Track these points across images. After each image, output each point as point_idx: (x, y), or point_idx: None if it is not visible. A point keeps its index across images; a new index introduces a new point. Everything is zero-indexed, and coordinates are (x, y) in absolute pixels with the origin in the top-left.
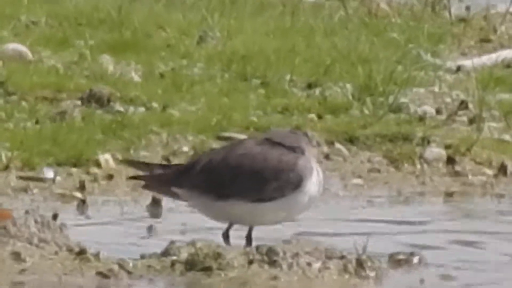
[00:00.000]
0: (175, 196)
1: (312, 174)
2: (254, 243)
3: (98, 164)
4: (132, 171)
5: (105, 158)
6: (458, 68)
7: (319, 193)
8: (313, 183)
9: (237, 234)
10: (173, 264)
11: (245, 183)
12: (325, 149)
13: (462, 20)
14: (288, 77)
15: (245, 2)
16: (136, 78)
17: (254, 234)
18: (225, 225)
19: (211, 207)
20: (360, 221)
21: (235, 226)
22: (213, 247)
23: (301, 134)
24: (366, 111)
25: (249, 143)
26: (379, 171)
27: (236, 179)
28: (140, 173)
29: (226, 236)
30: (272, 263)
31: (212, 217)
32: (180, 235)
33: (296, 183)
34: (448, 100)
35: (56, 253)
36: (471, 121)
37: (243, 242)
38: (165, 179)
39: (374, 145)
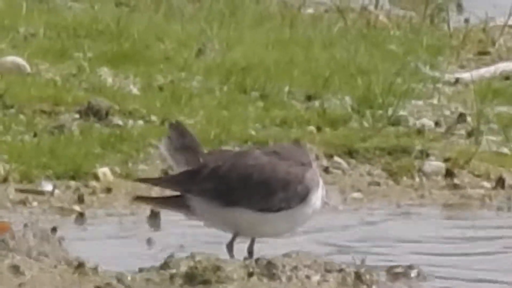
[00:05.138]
0: (174, 207)
1: (318, 187)
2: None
3: (96, 177)
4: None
5: (103, 171)
6: (457, 81)
7: (321, 207)
8: (318, 197)
9: (237, 247)
10: (172, 277)
11: (253, 192)
12: (324, 162)
13: (460, 32)
14: (287, 89)
15: (244, 14)
16: (135, 90)
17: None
18: (227, 237)
19: (217, 214)
20: (360, 234)
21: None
22: (212, 260)
23: (307, 148)
24: (365, 124)
25: (257, 153)
26: (378, 184)
27: (244, 187)
28: None
29: (230, 247)
30: (272, 276)
31: (217, 225)
32: (179, 248)
33: (303, 196)
34: (446, 112)
35: (55, 266)
36: (469, 134)
37: (242, 254)
38: (172, 182)
39: (373, 158)
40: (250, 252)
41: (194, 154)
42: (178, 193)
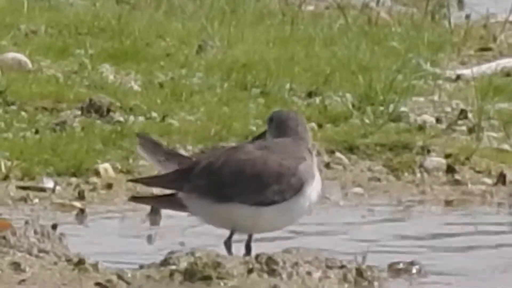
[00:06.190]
0: (170, 206)
1: (313, 180)
2: (253, 252)
3: (97, 174)
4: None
5: (105, 167)
6: (458, 77)
7: (318, 200)
8: (313, 189)
9: (237, 243)
10: (172, 273)
11: (246, 186)
12: (325, 158)
13: (461, 29)
14: (288, 86)
15: (245, 11)
16: (136, 87)
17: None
18: (226, 233)
19: (211, 211)
20: (360, 230)
21: (236, 236)
22: (213, 256)
23: (302, 143)
24: (366, 120)
25: (249, 148)
26: (379, 180)
27: (237, 182)
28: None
29: (228, 244)
30: (272, 272)
31: (212, 222)
32: (179, 244)
33: (297, 188)
34: (447, 109)
35: (55, 263)
36: (470, 130)
37: (243, 251)
38: (165, 181)
39: (374, 154)
40: (248, 247)
41: (182, 156)
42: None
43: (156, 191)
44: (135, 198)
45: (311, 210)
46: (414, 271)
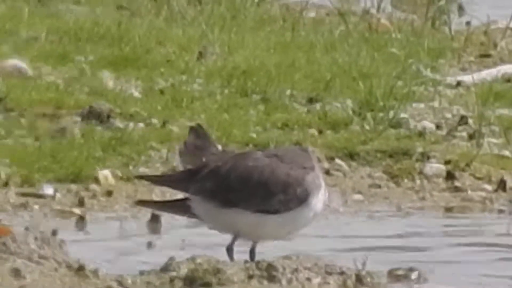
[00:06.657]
0: (175, 211)
1: (319, 191)
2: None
3: (97, 181)
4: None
5: (104, 174)
6: (458, 83)
7: (323, 210)
8: (319, 200)
9: (238, 249)
10: (172, 280)
11: (252, 193)
12: (326, 164)
13: (462, 35)
14: (288, 92)
15: (246, 17)
16: (136, 94)
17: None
18: (227, 240)
19: (215, 215)
20: (360, 237)
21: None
22: (213, 262)
23: (310, 151)
24: (367, 127)
25: (258, 155)
26: (379, 186)
27: (243, 188)
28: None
29: (230, 250)
30: (272, 279)
31: (215, 226)
32: (180, 251)
33: (303, 198)
34: (448, 115)
35: (55, 269)
36: (470, 137)
37: (243, 257)
38: (171, 180)
39: (374, 161)
40: (252, 254)
41: (200, 156)
42: (179, 196)
43: (158, 197)
44: (141, 202)
45: (314, 220)
46: (413, 277)
